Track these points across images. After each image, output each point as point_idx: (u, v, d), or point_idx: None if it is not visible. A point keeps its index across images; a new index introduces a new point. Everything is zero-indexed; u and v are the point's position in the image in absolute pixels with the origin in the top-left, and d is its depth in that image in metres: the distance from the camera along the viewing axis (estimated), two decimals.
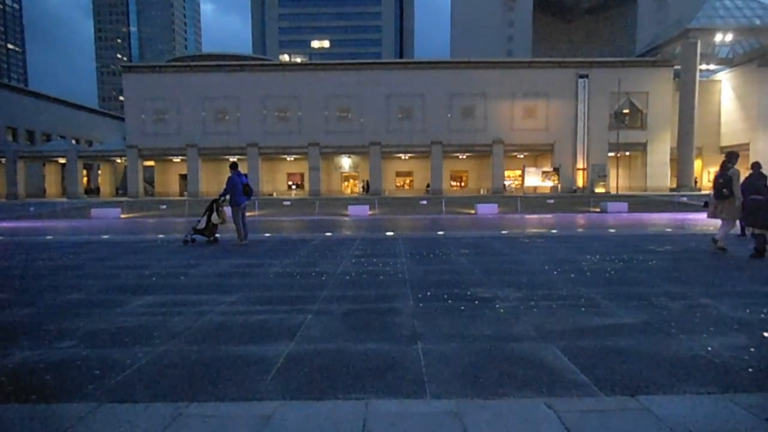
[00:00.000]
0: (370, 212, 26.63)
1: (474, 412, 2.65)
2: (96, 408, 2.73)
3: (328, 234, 13.78)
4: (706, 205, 11.21)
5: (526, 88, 45.17)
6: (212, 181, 47.16)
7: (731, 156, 9.03)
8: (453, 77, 45.80)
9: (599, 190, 43.22)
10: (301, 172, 49.96)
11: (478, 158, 49.22)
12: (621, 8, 75.25)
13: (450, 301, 5.16)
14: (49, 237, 14.17)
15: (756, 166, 10.89)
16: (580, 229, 16.42)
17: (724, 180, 8.75)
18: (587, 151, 45.45)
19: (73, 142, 60.97)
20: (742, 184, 10.96)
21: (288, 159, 49.09)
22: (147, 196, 47.76)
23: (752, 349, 3.56)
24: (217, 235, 11.11)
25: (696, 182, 46.74)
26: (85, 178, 59.59)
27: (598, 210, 27.64)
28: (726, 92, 48.77)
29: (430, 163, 46.18)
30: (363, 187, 50.02)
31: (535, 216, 23.76)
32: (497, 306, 4.95)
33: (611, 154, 44.56)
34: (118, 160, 52.99)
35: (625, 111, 45.86)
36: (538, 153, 48.26)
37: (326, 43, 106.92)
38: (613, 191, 42.70)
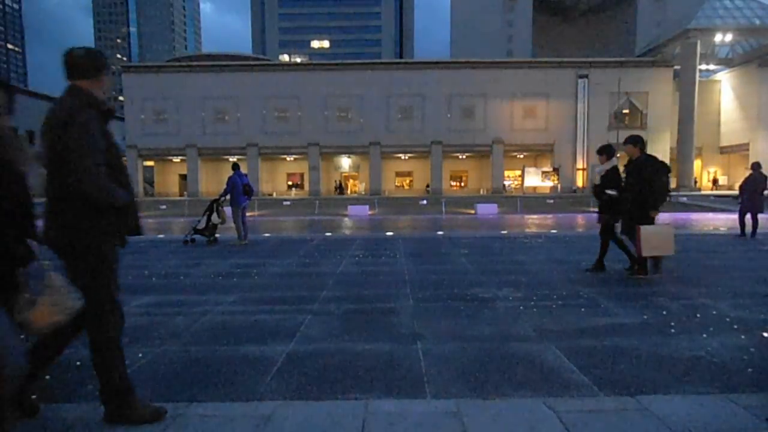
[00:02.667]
0: (370, 212, 26.64)
1: (474, 412, 2.65)
2: (96, 408, 2.73)
3: (328, 234, 13.78)
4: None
5: (526, 88, 45.19)
6: (212, 181, 47.19)
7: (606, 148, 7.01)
8: (453, 77, 45.82)
9: None
10: (301, 172, 50.00)
11: (478, 158, 49.24)
12: (621, 8, 75.30)
13: (450, 301, 5.16)
14: None
15: (756, 166, 10.94)
16: (580, 229, 16.43)
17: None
18: (587, 151, 45.46)
19: None
20: (743, 184, 11.01)
21: (288, 159, 49.11)
22: (147, 196, 47.79)
23: (752, 349, 3.57)
24: (217, 235, 11.11)
25: (696, 182, 46.73)
26: None
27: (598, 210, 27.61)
28: (726, 92, 48.81)
29: (430, 163, 46.22)
30: (336, 188, 49.71)
31: (535, 216, 23.77)
32: (497, 306, 4.95)
33: None
34: None
35: (625, 111, 45.91)
36: (537, 153, 48.28)
37: (326, 43, 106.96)
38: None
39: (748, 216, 10.74)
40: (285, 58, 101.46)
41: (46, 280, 1.93)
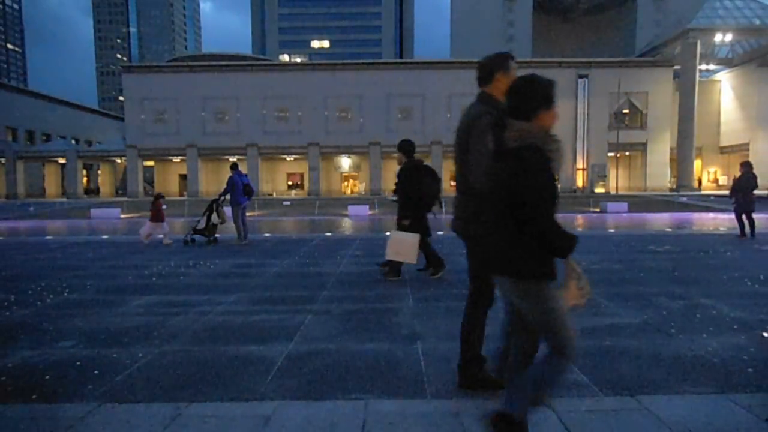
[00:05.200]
0: (369, 212, 26.64)
1: (474, 412, 2.65)
2: (96, 408, 2.73)
3: (328, 234, 13.78)
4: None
5: None
6: (212, 181, 47.20)
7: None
8: (453, 77, 45.80)
9: (599, 190, 43.23)
10: (301, 172, 49.99)
11: None
12: (621, 8, 75.28)
13: (450, 301, 5.15)
14: (48, 237, 14.17)
15: (747, 165, 10.97)
16: (580, 229, 16.43)
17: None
18: (587, 151, 45.47)
19: (73, 142, 61.00)
20: (735, 184, 11.01)
21: (288, 159, 49.09)
22: (147, 196, 47.80)
23: (752, 349, 3.57)
24: (217, 235, 11.10)
25: (700, 183, 46.64)
26: (85, 178, 59.65)
27: (598, 210, 27.64)
28: (726, 92, 48.81)
29: (430, 163, 46.19)
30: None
31: None
32: (497, 306, 4.93)
33: (611, 154, 44.60)
34: (118, 160, 53.03)
35: (625, 111, 45.91)
36: None
37: (326, 43, 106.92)
38: (612, 191, 42.74)
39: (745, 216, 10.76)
40: (285, 58, 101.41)
41: (568, 264, 2.10)
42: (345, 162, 51.44)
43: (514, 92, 2.15)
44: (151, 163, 50.89)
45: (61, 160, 51.28)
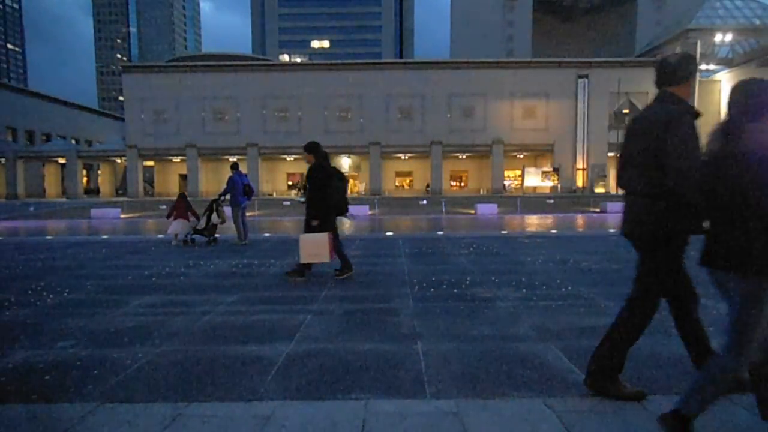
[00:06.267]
0: (369, 212, 26.64)
1: (474, 412, 2.65)
2: (96, 408, 2.73)
3: None
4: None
5: (526, 88, 45.20)
6: (212, 181, 47.23)
7: None
8: (453, 77, 45.85)
9: (599, 190, 43.23)
10: (301, 172, 49.92)
11: (478, 158, 49.26)
12: (621, 8, 75.29)
13: (450, 301, 5.16)
14: (48, 237, 14.17)
15: None
16: (580, 229, 16.43)
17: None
18: (587, 151, 45.48)
19: (73, 142, 61.01)
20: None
21: (288, 159, 49.10)
22: (147, 196, 47.79)
23: None
24: (216, 235, 11.10)
25: None
26: (85, 178, 59.65)
27: (598, 210, 27.65)
28: (726, 92, 48.76)
29: (430, 163, 46.23)
30: (300, 188, 48.76)
31: (535, 216, 23.77)
32: (497, 306, 4.95)
33: (611, 154, 44.60)
34: (118, 160, 53.02)
35: (625, 111, 45.90)
36: (537, 153, 48.30)
37: (326, 43, 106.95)
38: (613, 191, 42.73)
39: None
40: (285, 58, 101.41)
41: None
42: (345, 162, 51.46)
43: (753, 95, 2.18)
44: (151, 163, 50.91)
45: (61, 160, 51.30)
